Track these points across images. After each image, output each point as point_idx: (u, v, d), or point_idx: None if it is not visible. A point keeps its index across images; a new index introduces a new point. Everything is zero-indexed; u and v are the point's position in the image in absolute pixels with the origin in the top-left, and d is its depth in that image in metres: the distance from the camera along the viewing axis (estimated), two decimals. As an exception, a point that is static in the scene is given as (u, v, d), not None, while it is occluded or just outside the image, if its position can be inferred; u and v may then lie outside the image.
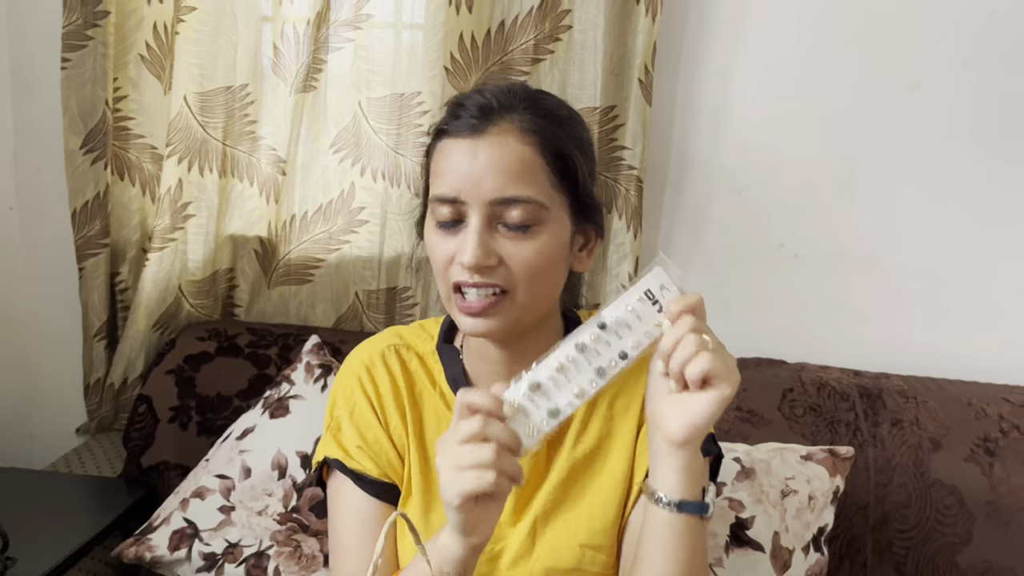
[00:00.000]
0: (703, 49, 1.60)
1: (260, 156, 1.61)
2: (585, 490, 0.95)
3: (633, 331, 0.78)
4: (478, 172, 0.85)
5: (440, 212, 0.87)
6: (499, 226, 0.86)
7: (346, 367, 1.01)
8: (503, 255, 0.86)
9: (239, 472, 1.34)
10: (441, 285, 0.90)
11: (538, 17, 1.53)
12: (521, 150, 0.86)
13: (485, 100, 0.88)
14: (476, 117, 0.87)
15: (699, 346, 0.75)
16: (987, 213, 1.60)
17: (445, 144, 0.88)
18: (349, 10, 1.55)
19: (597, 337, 0.77)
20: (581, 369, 0.77)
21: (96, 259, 1.61)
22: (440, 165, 0.88)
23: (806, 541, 1.28)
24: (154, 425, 1.49)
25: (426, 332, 1.02)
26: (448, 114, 0.91)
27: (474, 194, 0.85)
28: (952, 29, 1.55)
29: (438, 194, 0.87)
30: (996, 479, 1.40)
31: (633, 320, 0.78)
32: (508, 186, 0.85)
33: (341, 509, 0.97)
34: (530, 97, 0.90)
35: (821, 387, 1.49)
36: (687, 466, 0.79)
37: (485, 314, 0.86)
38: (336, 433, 0.97)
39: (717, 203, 1.64)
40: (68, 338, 1.69)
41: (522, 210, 0.85)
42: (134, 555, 1.30)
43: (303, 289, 1.67)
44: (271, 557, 1.28)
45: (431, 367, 0.99)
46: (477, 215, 0.85)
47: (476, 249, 0.84)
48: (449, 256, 0.87)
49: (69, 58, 1.52)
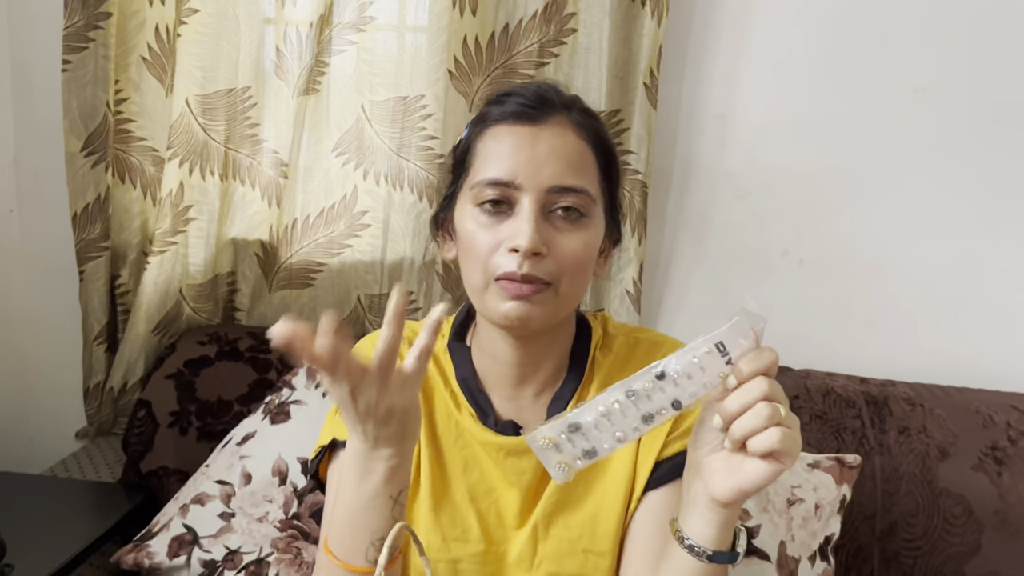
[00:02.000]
0: (708, 53, 1.59)
1: (262, 159, 1.60)
2: (588, 496, 0.94)
3: (693, 381, 0.71)
4: (539, 158, 0.86)
5: (487, 194, 0.87)
6: (550, 216, 0.86)
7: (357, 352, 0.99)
8: (552, 245, 0.85)
9: (239, 478, 1.33)
10: (477, 275, 0.88)
11: (543, 20, 1.52)
12: (578, 143, 0.88)
13: (543, 92, 0.90)
14: (534, 107, 0.88)
15: (771, 419, 0.69)
16: (995, 219, 1.59)
17: (500, 129, 0.89)
18: (352, 13, 1.54)
19: (652, 385, 0.72)
20: (627, 414, 0.72)
21: (96, 262, 1.59)
22: (493, 149, 0.88)
23: (812, 550, 1.27)
24: (154, 430, 1.48)
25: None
26: (494, 103, 0.92)
27: (533, 179, 0.85)
28: (960, 34, 1.54)
29: (491, 176, 0.87)
30: (1005, 488, 1.38)
31: (696, 371, 0.71)
32: (567, 175, 0.86)
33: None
34: (575, 98, 0.93)
35: (827, 394, 1.47)
36: (725, 521, 0.76)
37: (529, 299, 0.85)
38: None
39: (722, 208, 1.63)
40: (68, 341, 1.67)
41: (577, 199, 0.87)
42: (133, 562, 1.29)
43: (305, 293, 1.66)
44: (271, 564, 1.27)
45: (442, 364, 0.98)
46: (532, 201, 0.85)
47: (533, 234, 0.84)
48: (494, 244, 0.86)
49: (70, 60, 1.51)
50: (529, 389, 0.95)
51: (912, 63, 1.56)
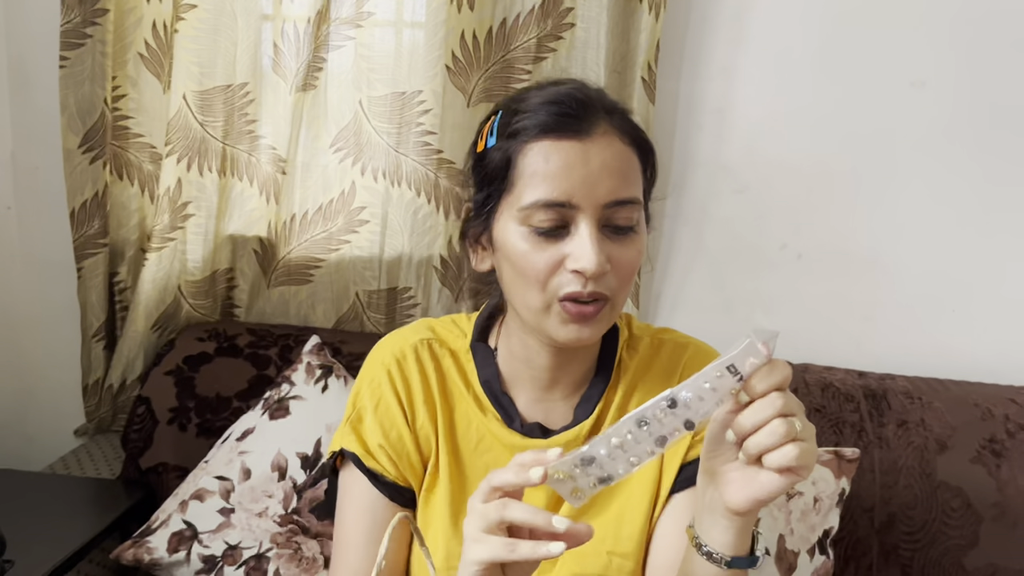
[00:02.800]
0: (706, 47, 1.59)
1: (260, 155, 1.60)
2: (612, 498, 0.93)
3: (705, 403, 0.70)
4: (593, 175, 0.82)
5: (540, 218, 0.83)
6: (603, 228, 0.84)
7: (375, 357, 0.97)
8: (611, 260, 0.83)
9: (239, 474, 1.33)
10: (534, 294, 0.85)
11: (540, 15, 1.52)
12: (625, 151, 0.85)
13: (581, 97, 0.86)
14: (577, 116, 0.84)
15: (786, 436, 0.68)
16: (992, 212, 1.60)
17: (545, 145, 0.84)
18: (350, 8, 1.54)
19: (664, 414, 0.70)
20: (640, 441, 0.71)
21: (95, 259, 1.59)
22: (541, 167, 0.83)
23: (811, 544, 1.27)
24: (153, 426, 1.48)
25: (459, 328, 0.99)
26: (529, 113, 0.86)
27: (589, 198, 0.82)
28: (959, 27, 1.54)
29: (545, 199, 0.83)
30: (1003, 480, 1.39)
31: (708, 393, 0.70)
32: (621, 188, 0.83)
33: (353, 504, 0.94)
34: (614, 102, 0.89)
35: (825, 388, 1.48)
36: (742, 528, 0.76)
37: (592, 319, 0.84)
38: (357, 425, 0.95)
39: (720, 202, 1.63)
40: (67, 338, 1.67)
41: (631, 211, 0.84)
42: (133, 557, 1.29)
43: (303, 289, 1.66)
44: (271, 559, 1.27)
45: (464, 365, 0.96)
46: (590, 219, 0.82)
47: (598, 255, 0.81)
48: (552, 264, 0.83)
49: (68, 56, 1.51)
50: (558, 392, 0.94)
51: (911, 57, 1.56)
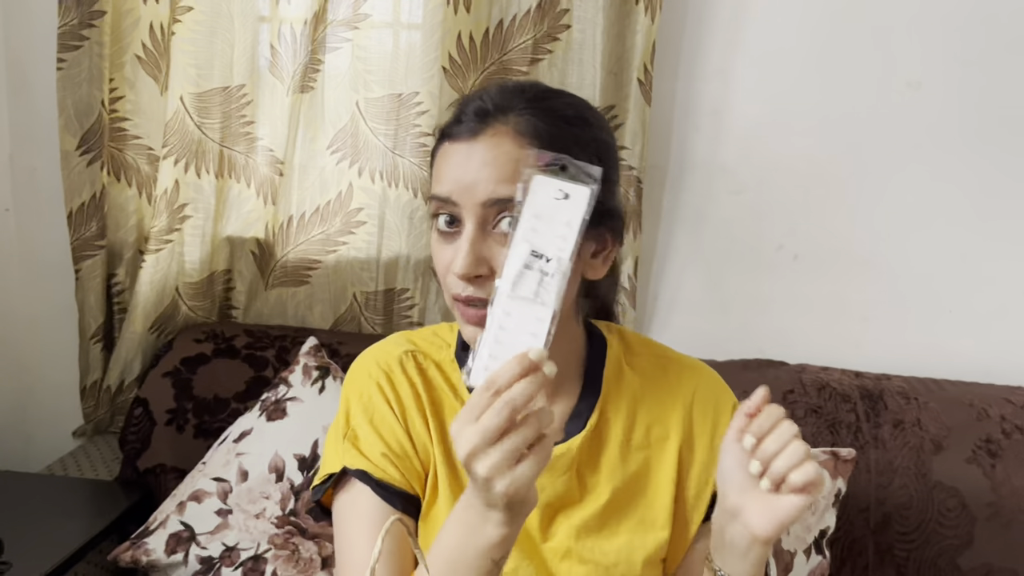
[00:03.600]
0: (703, 49, 1.61)
1: (257, 157, 1.61)
2: (622, 522, 0.93)
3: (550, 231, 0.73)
4: (471, 173, 0.83)
5: (436, 213, 0.86)
6: (493, 231, 0.83)
7: (359, 372, 0.96)
8: (495, 263, 0.82)
9: (236, 475, 1.33)
10: (444, 293, 0.88)
11: (536, 17, 1.53)
12: (515, 150, 0.83)
13: (482, 103, 0.86)
14: (473, 120, 0.85)
15: (805, 455, 0.76)
16: (988, 214, 1.61)
17: (445, 147, 0.87)
18: (347, 10, 1.55)
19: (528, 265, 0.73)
20: (526, 309, 0.72)
21: (92, 261, 1.60)
22: (440, 168, 0.87)
23: (807, 544, 1.28)
24: (151, 428, 1.49)
25: (440, 339, 0.98)
26: (452, 117, 0.89)
27: (467, 195, 0.83)
28: (953, 28, 1.56)
29: (434, 193, 0.86)
30: (998, 481, 1.40)
31: (543, 230, 0.73)
32: (500, 186, 0.82)
33: (360, 522, 0.90)
34: (535, 97, 0.87)
35: (822, 388, 1.49)
36: (762, 558, 0.81)
37: (483, 324, 0.84)
38: (355, 441, 0.92)
39: (716, 203, 1.65)
40: (64, 340, 1.68)
41: (515, 210, 0.83)
42: (130, 559, 1.30)
43: (300, 291, 1.67)
44: (268, 560, 1.28)
45: (450, 376, 0.95)
46: (471, 218, 0.83)
47: (467, 256, 0.82)
48: (446, 263, 0.85)
49: (65, 58, 1.51)
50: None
51: (906, 58, 1.58)
